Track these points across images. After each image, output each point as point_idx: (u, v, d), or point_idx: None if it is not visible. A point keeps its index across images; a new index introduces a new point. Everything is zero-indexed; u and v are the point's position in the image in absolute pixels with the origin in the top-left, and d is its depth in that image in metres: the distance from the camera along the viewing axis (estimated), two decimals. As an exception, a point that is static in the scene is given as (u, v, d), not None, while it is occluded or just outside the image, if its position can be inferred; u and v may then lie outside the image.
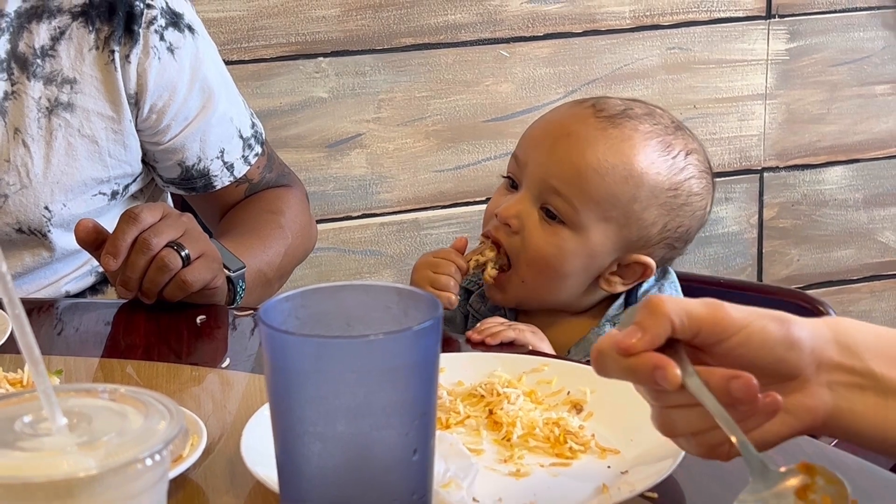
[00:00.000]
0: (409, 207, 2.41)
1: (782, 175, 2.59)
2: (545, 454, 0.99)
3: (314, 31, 2.28)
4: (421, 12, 2.32)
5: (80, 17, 1.42)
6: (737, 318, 0.81)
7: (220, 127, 1.54)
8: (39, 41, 1.41)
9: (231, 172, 1.57)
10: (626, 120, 1.37)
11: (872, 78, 2.59)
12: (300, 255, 1.60)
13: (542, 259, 1.37)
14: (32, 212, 1.44)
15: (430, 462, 0.76)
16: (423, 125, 2.38)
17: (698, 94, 2.48)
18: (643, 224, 1.37)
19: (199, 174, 1.54)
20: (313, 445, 0.73)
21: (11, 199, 1.43)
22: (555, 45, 2.40)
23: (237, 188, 1.59)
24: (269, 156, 1.64)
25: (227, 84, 1.57)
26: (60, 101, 1.42)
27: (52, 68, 1.42)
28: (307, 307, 0.78)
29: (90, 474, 0.64)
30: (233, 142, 1.56)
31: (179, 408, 0.69)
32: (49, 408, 0.68)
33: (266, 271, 1.48)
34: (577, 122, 1.37)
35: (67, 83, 1.42)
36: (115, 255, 1.25)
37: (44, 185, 1.43)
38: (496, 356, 1.15)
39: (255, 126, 1.61)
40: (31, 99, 1.41)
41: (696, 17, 2.47)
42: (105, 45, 1.42)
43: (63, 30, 1.42)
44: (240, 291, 1.38)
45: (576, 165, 1.35)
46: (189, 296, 1.30)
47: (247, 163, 1.58)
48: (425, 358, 0.74)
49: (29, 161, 1.42)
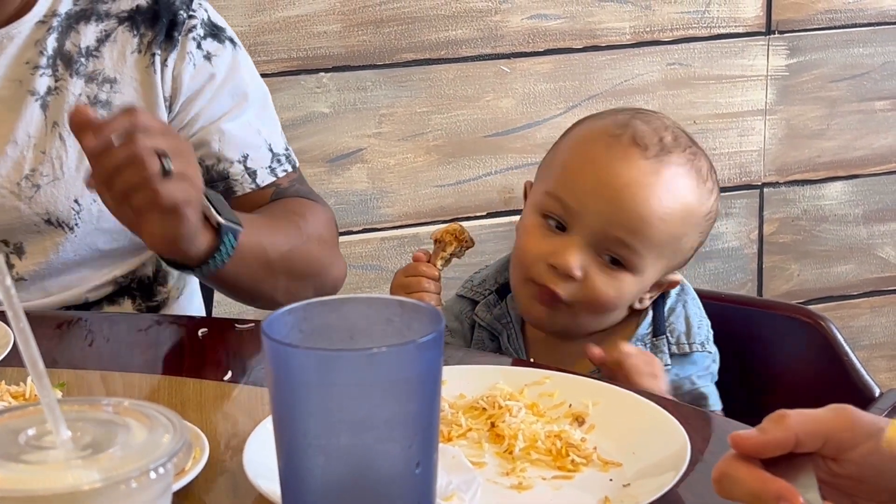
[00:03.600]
0: (409, 222, 2.41)
1: (782, 190, 2.60)
2: (547, 467, 0.99)
3: (315, 47, 2.29)
4: (422, 28, 2.33)
5: (127, 21, 1.49)
6: (866, 422, 0.76)
7: (244, 132, 1.52)
8: (85, 41, 1.48)
9: (254, 179, 1.52)
10: (666, 155, 1.36)
11: (872, 94, 2.60)
12: (315, 266, 1.48)
13: (603, 303, 1.38)
14: (62, 203, 1.48)
15: (432, 475, 0.76)
16: (423, 140, 2.38)
17: (698, 110, 2.49)
18: (686, 251, 1.41)
19: (219, 176, 1.51)
20: (316, 458, 0.73)
21: (43, 189, 1.47)
22: (555, 61, 2.41)
23: (262, 192, 1.53)
24: (300, 177, 1.60)
25: (263, 101, 1.56)
26: (99, 98, 1.48)
27: (95, 68, 1.48)
28: (310, 320, 0.78)
29: (94, 487, 0.64)
30: (260, 151, 1.53)
31: (183, 421, 0.69)
32: (53, 421, 0.68)
33: (268, 250, 1.39)
34: (629, 167, 1.35)
35: (108, 82, 1.48)
36: (96, 135, 1.18)
37: (76, 178, 1.47)
38: (497, 369, 1.15)
39: (289, 151, 1.58)
40: (72, 95, 1.47)
41: (696, 32, 2.47)
42: (147, 49, 1.48)
43: (109, 33, 1.49)
44: (227, 248, 1.29)
45: (641, 215, 1.34)
46: (159, 219, 1.21)
47: (273, 174, 1.54)
48: (428, 371, 0.74)
49: (64, 154, 1.47)
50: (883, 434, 0.75)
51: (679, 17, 2.46)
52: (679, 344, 1.40)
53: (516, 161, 2.40)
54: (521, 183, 1.51)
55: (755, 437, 0.75)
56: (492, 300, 1.49)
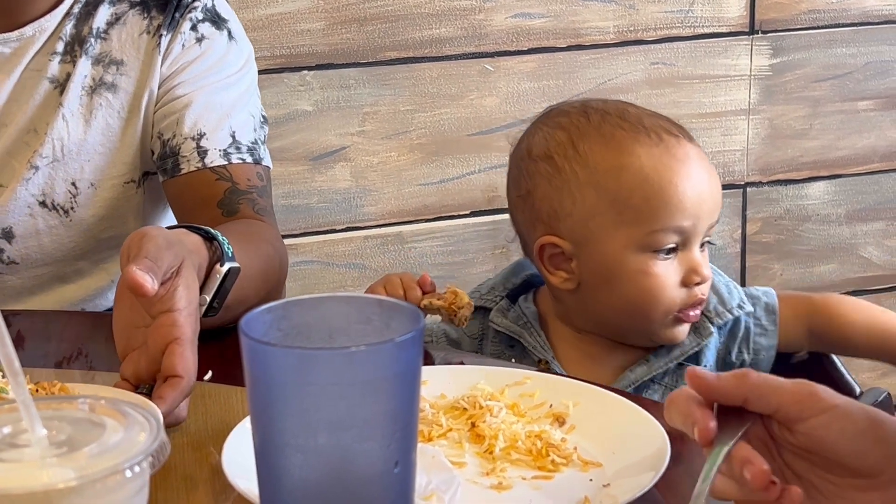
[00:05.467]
0: (393, 221, 2.41)
1: (765, 190, 2.60)
2: (527, 467, 0.99)
3: (299, 45, 2.28)
4: (405, 26, 2.33)
5: (139, 5, 1.50)
6: (823, 398, 0.78)
7: (209, 112, 1.48)
8: (97, 23, 1.49)
9: (202, 158, 1.45)
10: (679, 128, 1.41)
11: (855, 94, 2.60)
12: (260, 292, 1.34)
13: (713, 285, 1.42)
14: (60, 185, 1.48)
15: (411, 475, 0.76)
16: (407, 139, 2.38)
17: (682, 109, 2.49)
18: None
19: (171, 152, 1.47)
20: (294, 458, 0.73)
21: (42, 171, 1.48)
22: (539, 60, 2.41)
23: (215, 183, 1.46)
24: (265, 187, 1.50)
25: (245, 96, 1.52)
26: (105, 80, 1.48)
27: (103, 49, 1.49)
28: (289, 319, 0.78)
29: (69, 486, 0.63)
30: (218, 134, 1.47)
31: (159, 416, 0.69)
32: (28, 419, 0.68)
33: (251, 297, 1.27)
34: (690, 156, 1.36)
35: (114, 64, 1.49)
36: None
37: (75, 160, 1.47)
38: (479, 369, 1.15)
39: (256, 146, 1.50)
40: (80, 76, 1.48)
41: (679, 32, 2.47)
42: (156, 31, 1.49)
43: (120, 16, 1.50)
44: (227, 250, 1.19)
45: (720, 190, 1.40)
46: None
47: (225, 157, 1.46)
48: (407, 370, 0.74)
49: (66, 136, 1.47)
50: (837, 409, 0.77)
51: (663, 16, 2.46)
52: (719, 315, 1.40)
53: (500, 160, 2.40)
54: (505, 181, 1.47)
55: (707, 380, 0.79)
56: (504, 305, 1.45)
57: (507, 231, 1.52)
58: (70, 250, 1.52)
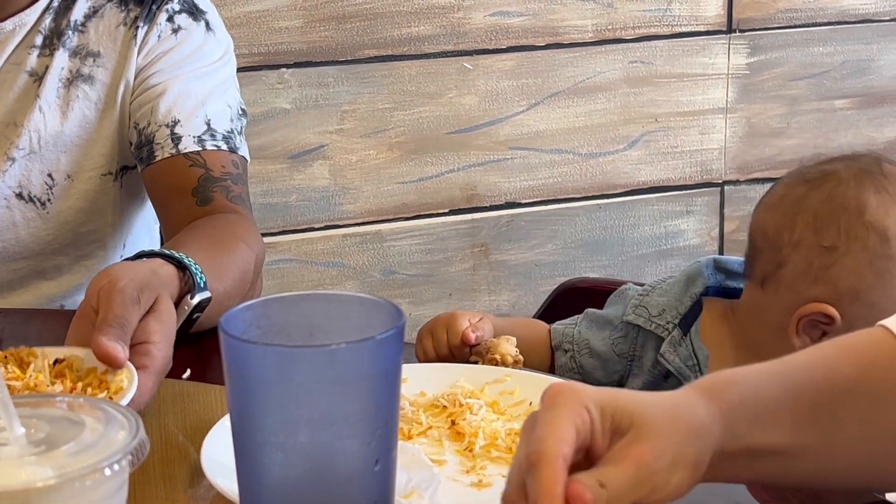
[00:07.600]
0: (371, 219, 2.40)
1: (743, 188, 2.61)
2: (507, 465, 0.99)
3: (277, 42, 2.28)
4: (384, 24, 2.33)
5: None
6: (654, 469, 0.72)
7: (183, 99, 1.48)
8: (75, 16, 1.49)
9: (175, 145, 1.45)
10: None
11: (832, 93, 2.62)
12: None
13: None
14: (36, 177, 1.48)
15: (391, 472, 0.76)
16: (386, 137, 2.38)
17: (660, 108, 2.50)
18: None
19: (146, 140, 1.47)
20: (274, 456, 0.73)
21: (18, 162, 1.47)
22: (518, 58, 2.41)
23: (189, 170, 1.45)
24: (240, 175, 1.49)
25: (221, 86, 1.52)
26: (82, 72, 1.48)
27: (80, 42, 1.49)
28: (269, 316, 0.78)
29: (48, 484, 0.63)
30: (193, 121, 1.47)
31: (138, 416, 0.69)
32: (7, 417, 0.67)
33: (225, 305, 1.24)
34: None
35: (91, 56, 1.49)
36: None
37: (52, 152, 1.47)
38: (459, 367, 1.15)
39: (232, 135, 1.50)
40: (57, 68, 1.48)
41: (657, 31, 2.48)
42: (133, 23, 1.49)
43: (97, 8, 1.50)
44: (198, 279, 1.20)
45: None
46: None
47: (199, 143, 1.46)
48: (387, 367, 0.74)
49: (42, 127, 1.47)
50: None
51: (641, 15, 2.46)
52: None
53: (479, 158, 2.40)
54: (483, 180, 1.48)
55: None
56: (677, 336, 1.28)
57: (486, 229, 1.51)
58: (48, 244, 1.51)
